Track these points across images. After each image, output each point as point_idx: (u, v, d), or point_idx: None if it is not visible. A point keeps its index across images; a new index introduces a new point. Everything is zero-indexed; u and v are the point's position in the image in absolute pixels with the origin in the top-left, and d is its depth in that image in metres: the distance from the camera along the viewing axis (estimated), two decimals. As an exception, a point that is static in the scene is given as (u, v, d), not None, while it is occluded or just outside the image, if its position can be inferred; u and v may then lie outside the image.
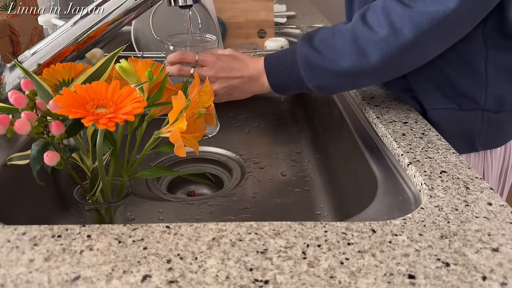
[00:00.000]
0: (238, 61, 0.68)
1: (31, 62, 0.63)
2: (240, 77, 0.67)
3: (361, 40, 0.60)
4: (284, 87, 0.67)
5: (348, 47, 0.60)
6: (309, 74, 0.63)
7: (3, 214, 0.57)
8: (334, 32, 0.63)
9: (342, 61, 0.61)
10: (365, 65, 0.60)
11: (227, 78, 0.67)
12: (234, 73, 0.67)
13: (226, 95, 0.68)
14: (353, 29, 0.61)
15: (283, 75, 0.66)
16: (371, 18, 0.60)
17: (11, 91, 0.44)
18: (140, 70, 0.53)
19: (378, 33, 0.58)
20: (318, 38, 0.64)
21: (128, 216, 0.76)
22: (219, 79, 0.67)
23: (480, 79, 0.68)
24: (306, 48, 0.63)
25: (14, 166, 0.61)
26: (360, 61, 0.60)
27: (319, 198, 0.82)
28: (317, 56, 0.62)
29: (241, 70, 0.67)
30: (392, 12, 0.58)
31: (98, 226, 0.44)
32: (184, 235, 0.42)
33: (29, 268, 0.38)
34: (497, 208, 0.47)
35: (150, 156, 1.01)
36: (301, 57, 0.64)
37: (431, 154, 0.58)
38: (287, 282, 0.37)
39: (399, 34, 0.57)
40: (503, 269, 0.38)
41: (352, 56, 0.60)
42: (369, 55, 0.59)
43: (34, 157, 0.46)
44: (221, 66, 0.66)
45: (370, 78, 0.64)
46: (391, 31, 0.58)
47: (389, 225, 0.44)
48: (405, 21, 0.57)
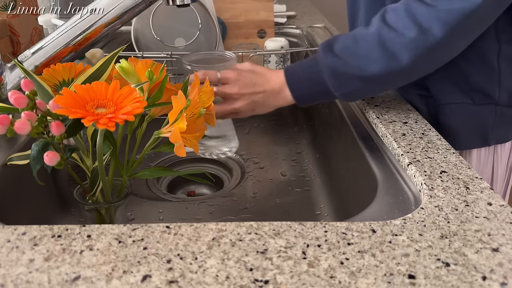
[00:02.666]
0: (260, 76, 0.67)
1: (31, 62, 0.63)
2: (262, 92, 0.66)
3: (388, 44, 0.59)
4: (308, 99, 0.67)
5: (376, 52, 0.60)
6: (336, 83, 0.63)
7: (3, 214, 0.57)
8: (356, 39, 0.62)
9: (370, 66, 0.60)
10: (396, 67, 0.60)
11: (250, 94, 0.66)
12: (256, 88, 0.66)
13: (250, 111, 0.68)
14: (378, 33, 0.60)
15: (307, 86, 0.65)
16: (394, 20, 0.60)
17: (11, 91, 0.44)
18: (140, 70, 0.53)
19: (405, 35, 0.58)
20: (339, 46, 0.63)
21: (128, 216, 0.76)
22: (243, 95, 0.66)
23: (493, 74, 0.69)
24: (329, 57, 0.62)
25: (14, 166, 0.61)
26: (390, 64, 0.60)
27: (319, 198, 0.82)
28: (343, 64, 0.61)
29: (263, 85, 0.66)
30: (417, 13, 0.58)
31: (98, 226, 0.44)
32: (184, 235, 0.42)
33: (29, 268, 0.38)
34: (497, 208, 0.47)
35: (150, 156, 1.01)
36: (326, 67, 0.62)
37: (431, 154, 0.58)
38: (287, 282, 0.37)
39: (428, 34, 0.57)
40: (503, 269, 0.38)
41: (381, 60, 0.60)
42: (399, 57, 0.59)
43: (34, 157, 0.46)
44: (243, 82, 0.66)
45: (399, 79, 0.64)
46: (419, 31, 0.57)
47: (389, 225, 0.44)
48: (433, 21, 0.57)
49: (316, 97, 0.66)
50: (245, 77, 0.66)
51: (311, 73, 0.64)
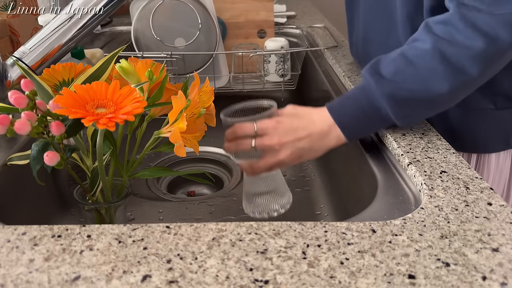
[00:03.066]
0: (301, 119, 0.60)
1: (31, 58, 0.63)
2: (307, 136, 0.58)
3: (454, 58, 0.55)
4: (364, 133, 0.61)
5: (440, 69, 0.55)
6: (401, 111, 0.57)
7: (3, 214, 0.57)
8: (409, 59, 0.57)
9: (438, 86, 0.55)
10: (467, 80, 0.56)
11: (293, 141, 0.58)
12: (299, 133, 0.58)
13: (296, 159, 0.60)
14: (438, 49, 0.55)
15: (362, 122, 0.59)
16: (451, 33, 0.55)
17: (10, 91, 0.44)
18: (140, 70, 0.53)
19: (472, 47, 0.54)
20: (389, 70, 0.57)
21: (128, 216, 0.76)
22: (285, 144, 0.58)
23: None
24: (385, 84, 0.56)
25: (14, 166, 0.61)
26: (459, 79, 0.55)
27: (319, 198, 0.82)
28: (404, 90, 0.56)
29: (307, 128, 0.59)
30: (478, 22, 0.54)
31: (98, 226, 0.44)
32: (184, 235, 0.42)
33: (29, 268, 0.38)
34: (497, 208, 0.47)
35: (150, 156, 1.01)
36: (384, 96, 0.56)
37: (431, 154, 0.58)
38: (287, 282, 0.37)
39: (497, 41, 0.54)
40: (503, 269, 0.38)
41: (449, 77, 0.55)
42: (468, 70, 0.55)
43: (34, 157, 0.46)
44: (283, 129, 0.58)
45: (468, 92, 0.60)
46: (488, 40, 0.54)
47: (389, 225, 0.44)
48: (499, 27, 0.54)
49: (372, 130, 0.61)
50: (284, 123, 0.58)
51: (365, 106, 0.58)
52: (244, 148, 0.58)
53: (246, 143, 0.58)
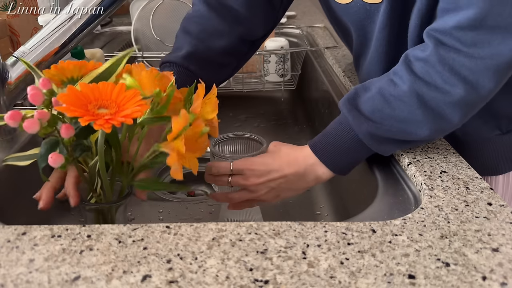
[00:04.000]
0: (276, 160, 0.59)
1: (31, 58, 0.63)
2: (281, 177, 0.58)
3: (432, 103, 0.52)
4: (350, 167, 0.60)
5: (419, 115, 0.53)
6: (380, 146, 0.56)
7: (3, 214, 0.57)
8: (386, 99, 0.54)
9: (417, 130, 0.54)
10: (446, 126, 0.54)
11: (267, 181, 0.58)
12: (273, 175, 0.58)
13: (274, 197, 0.60)
14: (415, 93, 0.52)
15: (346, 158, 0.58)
16: (428, 74, 0.52)
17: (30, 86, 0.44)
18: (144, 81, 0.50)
19: (451, 93, 0.51)
20: (368, 108, 0.55)
21: (128, 216, 0.76)
22: (259, 185, 0.58)
23: None
24: (363, 123, 0.55)
25: (14, 166, 0.61)
26: (439, 125, 0.54)
27: (319, 198, 0.82)
28: (384, 130, 0.54)
29: (281, 170, 0.58)
30: (457, 65, 0.50)
31: (98, 226, 0.44)
32: (184, 235, 0.42)
33: (29, 268, 0.38)
34: (497, 208, 0.47)
35: (150, 156, 1.01)
36: (364, 135, 0.55)
37: (431, 154, 0.58)
38: (287, 282, 0.37)
39: (478, 87, 0.51)
40: (503, 269, 0.38)
41: (428, 122, 0.53)
42: (448, 116, 0.52)
43: (41, 155, 0.46)
44: (257, 171, 0.58)
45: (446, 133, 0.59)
46: (468, 87, 0.51)
47: (389, 225, 0.44)
48: (480, 72, 0.50)
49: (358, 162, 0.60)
50: (258, 164, 0.59)
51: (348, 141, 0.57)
52: (220, 184, 0.60)
53: (222, 181, 0.59)
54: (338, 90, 0.88)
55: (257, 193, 0.59)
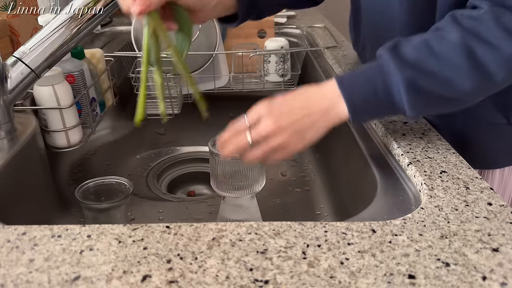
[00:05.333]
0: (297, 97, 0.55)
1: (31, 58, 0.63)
2: (306, 115, 0.53)
3: (481, 58, 0.50)
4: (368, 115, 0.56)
5: (465, 67, 0.51)
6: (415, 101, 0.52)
7: (3, 214, 0.57)
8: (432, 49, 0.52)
9: (459, 83, 0.51)
10: (489, 84, 0.52)
11: (291, 123, 0.53)
12: (297, 114, 0.53)
13: (299, 141, 0.54)
14: (466, 45, 0.51)
15: (372, 105, 0.53)
16: (481, 30, 0.51)
17: None
18: None
19: (501, 49, 0.50)
20: (411, 56, 0.52)
21: (128, 216, 0.76)
22: (282, 129, 0.53)
23: None
24: (406, 69, 0.51)
25: (14, 166, 0.61)
26: (483, 81, 0.52)
27: (319, 198, 0.82)
28: (425, 80, 0.51)
29: (306, 107, 0.54)
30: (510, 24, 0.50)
31: (98, 226, 0.44)
32: (184, 235, 0.42)
33: (29, 268, 0.38)
34: (497, 208, 0.47)
35: (150, 156, 1.01)
36: (405, 83, 0.51)
37: (431, 154, 0.58)
38: (287, 282, 0.37)
39: None
40: (503, 269, 0.38)
41: (472, 77, 0.51)
42: (494, 75, 0.51)
43: None
44: (278, 112, 0.53)
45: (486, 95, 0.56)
46: None
47: (389, 225, 0.44)
48: None
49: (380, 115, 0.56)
50: (278, 104, 0.54)
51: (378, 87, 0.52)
52: (241, 146, 0.54)
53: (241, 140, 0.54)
54: (338, 90, 0.88)
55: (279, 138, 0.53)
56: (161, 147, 1.04)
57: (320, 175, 0.88)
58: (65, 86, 0.71)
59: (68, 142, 0.73)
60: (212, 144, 0.63)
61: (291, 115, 0.53)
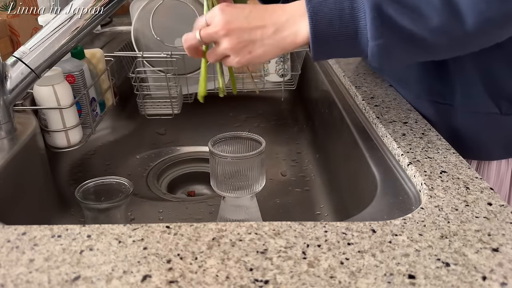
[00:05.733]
0: (258, 7, 0.52)
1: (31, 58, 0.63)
2: (260, 27, 0.51)
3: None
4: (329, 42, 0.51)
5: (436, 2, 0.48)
6: (379, 28, 0.49)
7: (3, 214, 0.57)
8: None
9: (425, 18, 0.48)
10: (457, 29, 0.48)
11: (240, 29, 0.51)
12: (251, 22, 0.51)
13: (245, 52, 0.52)
14: None
15: (336, 30, 0.49)
16: None
17: None
18: None
19: None
20: None
21: (128, 216, 0.76)
22: (231, 31, 0.51)
23: None
24: None
25: (14, 166, 0.61)
26: (452, 22, 0.48)
27: (319, 198, 0.82)
28: (392, 7, 0.48)
29: (262, 18, 0.51)
30: None
31: (98, 226, 0.44)
32: (184, 235, 0.42)
33: (29, 268, 0.38)
34: (497, 208, 0.47)
35: (150, 156, 1.01)
36: (371, 4, 0.48)
37: (431, 154, 0.58)
38: (287, 282, 0.37)
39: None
40: (503, 269, 0.38)
41: (442, 13, 0.47)
42: (464, 17, 0.47)
43: None
44: (231, 15, 0.51)
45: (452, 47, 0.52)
46: None
47: (389, 225, 0.44)
48: None
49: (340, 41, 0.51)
50: (235, 8, 0.52)
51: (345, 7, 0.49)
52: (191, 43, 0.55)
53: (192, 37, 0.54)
54: (338, 90, 0.88)
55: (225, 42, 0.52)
56: (161, 147, 1.04)
57: (320, 175, 0.88)
58: (65, 86, 0.71)
59: (68, 142, 0.73)
60: (212, 144, 0.63)
61: (243, 22, 0.51)
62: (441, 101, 0.70)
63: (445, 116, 0.69)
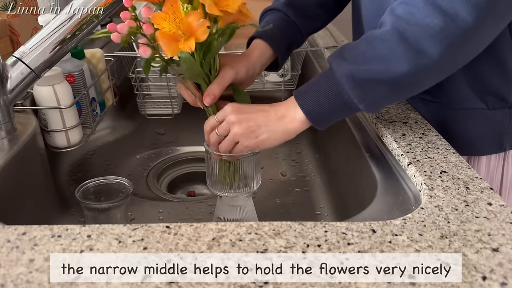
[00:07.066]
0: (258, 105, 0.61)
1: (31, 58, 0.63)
2: (262, 110, 0.60)
3: (412, 39, 0.52)
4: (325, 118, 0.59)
5: (399, 50, 0.53)
6: (361, 93, 0.55)
7: (3, 214, 0.57)
8: (369, 41, 0.56)
9: (396, 66, 0.53)
10: (426, 62, 0.53)
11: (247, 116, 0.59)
12: (255, 112, 0.60)
13: (251, 139, 0.59)
14: (396, 30, 0.53)
15: (325, 105, 0.57)
16: (409, 12, 0.53)
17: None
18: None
19: (430, 25, 0.52)
20: (351, 54, 0.56)
21: (128, 216, 0.76)
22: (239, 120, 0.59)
23: (508, 76, 0.66)
24: (345, 66, 0.55)
25: (14, 166, 0.61)
26: (418, 60, 0.53)
27: (319, 198, 0.82)
28: (364, 70, 0.54)
29: (263, 108, 0.60)
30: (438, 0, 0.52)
31: (98, 226, 0.44)
32: (184, 235, 0.42)
33: (29, 268, 0.38)
34: (497, 208, 0.47)
35: (150, 156, 1.01)
36: (345, 78, 0.55)
37: (431, 154, 0.58)
38: (287, 282, 0.37)
39: (457, 19, 0.51)
40: (503, 269, 0.38)
41: (407, 58, 0.53)
42: (427, 50, 0.52)
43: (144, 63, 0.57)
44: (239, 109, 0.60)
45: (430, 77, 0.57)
46: (447, 19, 0.51)
47: (389, 225, 0.44)
48: (459, 4, 0.51)
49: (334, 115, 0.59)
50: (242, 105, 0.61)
51: (327, 90, 0.57)
52: (213, 140, 0.60)
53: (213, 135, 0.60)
54: (338, 90, 0.88)
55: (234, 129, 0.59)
56: (161, 147, 1.04)
57: (320, 175, 0.88)
58: (65, 86, 0.71)
59: (68, 142, 0.73)
60: (208, 143, 0.63)
61: (250, 112, 0.60)
62: (431, 99, 0.72)
63: (435, 113, 0.71)
